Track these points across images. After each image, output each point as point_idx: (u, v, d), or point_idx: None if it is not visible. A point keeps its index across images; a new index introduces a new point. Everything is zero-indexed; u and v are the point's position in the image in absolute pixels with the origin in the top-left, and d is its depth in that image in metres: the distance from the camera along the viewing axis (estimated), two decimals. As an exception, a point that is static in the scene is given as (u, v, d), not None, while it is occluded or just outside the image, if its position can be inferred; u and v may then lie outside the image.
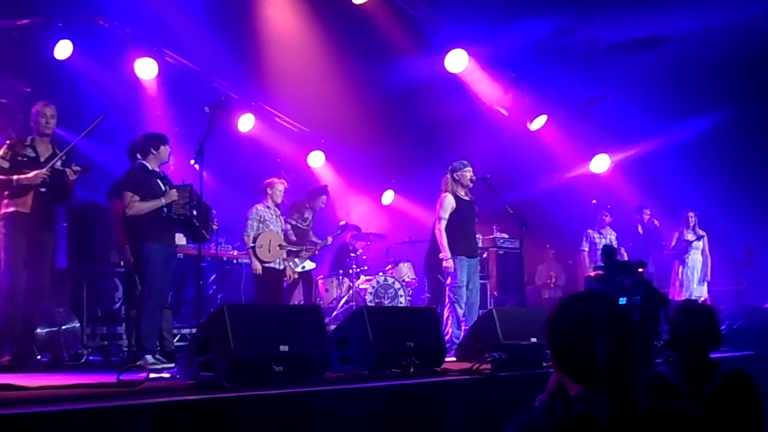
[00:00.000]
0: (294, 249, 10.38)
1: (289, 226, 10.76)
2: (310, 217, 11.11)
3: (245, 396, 4.56)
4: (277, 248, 9.62)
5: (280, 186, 9.92)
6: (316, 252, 11.17)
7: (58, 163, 7.07)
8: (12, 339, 6.83)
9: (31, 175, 6.89)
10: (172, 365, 6.55)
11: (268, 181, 10.00)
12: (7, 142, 7.21)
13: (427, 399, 5.57)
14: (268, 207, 9.82)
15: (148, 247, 7.24)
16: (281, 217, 10.03)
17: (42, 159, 7.07)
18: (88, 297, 8.35)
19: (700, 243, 12.15)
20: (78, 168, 7.12)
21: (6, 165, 6.93)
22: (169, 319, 8.18)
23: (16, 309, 6.87)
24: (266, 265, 9.54)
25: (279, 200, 9.95)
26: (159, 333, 7.64)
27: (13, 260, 6.90)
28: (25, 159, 6.99)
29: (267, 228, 9.64)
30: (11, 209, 6.98)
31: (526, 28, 11.38)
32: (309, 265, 11.04)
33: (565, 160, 14.29)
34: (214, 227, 8.47)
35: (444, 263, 9.00)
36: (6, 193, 6.99)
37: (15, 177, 6.88)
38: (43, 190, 7.01)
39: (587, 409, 2.17)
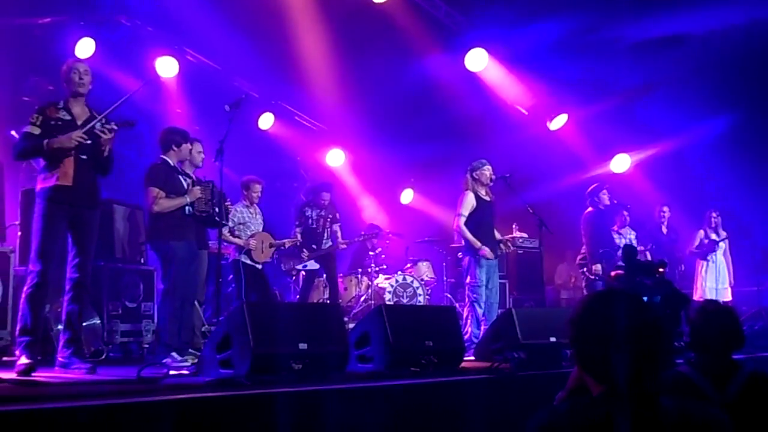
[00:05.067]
0: (284, 245, 10.12)
1: (299, 230, 10.76)
2: (314, 215, 10.96)
3: (264, 393, 4.58)
4: (269, 248, 9.54)
5: (257, 186, 9.60)
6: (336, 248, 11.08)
7: (98, 125, 6.13)
8: (35, 340, 5.85)
9: (63, 137, 5.95)
10: (194, 362, 6.57)
11: (245, 180, 9.68)
12: (36, 107, 6.24)
13: (446, 398, 5.57)
14: (246, 207, 9.55)
15: (172, 245, 7.26)
16: (261, 214, 9.74)
17: (79, 122, 6.15)
18: (108, 294, 8.38)
19: (723, 244, 12.05)
20: (115, 126, 6.20)
21: (37, 131, 5.97)
22: (200, 316, 8.23)
23: (41, 306, 5.98)
24: (249, 263, 9.34)
25: (256, 200, 9.61)
26: (191, 329, 7.69)
27: (49, 246, 5.91)
28: (59, 123, 6.06)
29: (248, 230, 9.40)
30: (50, 183, 5.97)
31: (546, 27, 11.33)
32: (311, 265, 10.99)
33: (585, 159, 14.22)
34: (230, 209, 8.44)
35: (480, 253, 8.98)
36: (42, 164, 6.07)
37: (45, 141, 5.93)
38: (84, 157, 6.07)
39: (609, 411, 2.14)
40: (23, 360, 5.59)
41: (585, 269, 10.64)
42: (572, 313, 2.35)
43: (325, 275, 11.11)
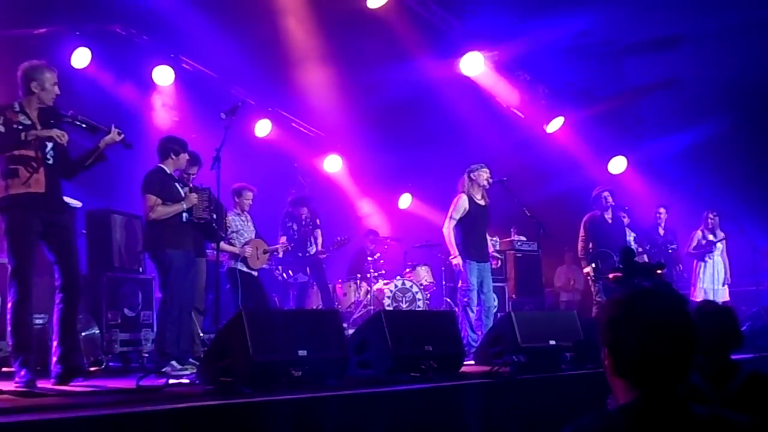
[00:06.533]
0: (278, 251, 10.14)
1: (283, 238, 10.78)
2: (295, 227, 10.97)
3: (264, 401, 4.57)
4: (264, 254, 9.51)
5: (249, 193, 9.50)
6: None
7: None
8: (30, 354, 5.66)
9: (43, 130, 5.78)
10: (194, 370, 6.56)
11: (238, 187, 9.53)
12: None
13: (446, 403, 5.56)
14: (238, 214, 9.43)
15: (169, 253, 7.25)
16: (252, 221, 9.65)
17: (39, 126, 5.87)
18: (107, 303, 8.37)
19: (721, 244, 12.05)
20: (122, 135, 6.14)
21: (2, 129, 5.71)
22: (200, 324, 8.21)
23: (28, 319, 5.76)
24: (245, 270, 9.27)
25: (247, 208, 9.51)
26: (190, 337, 7.68)
27: (27, 258, 5.70)
28: (20, 127, 5.76)
29: (241, 237, 9.32)
30: (20, 190, 5.71)
31: (541, 30, 11.34)
32: (300, 278, 11.08)
33: (582, 161, 14.23)
34: (229, 224, 8.48)
35: (453, 261, 9.03)
36: (4, 170, 5.74)
37: (23, 133, 5.69)
38: (51, 162, 5.85)
39: (643, 418, 2.10)
40: (23, 375, 5.52)
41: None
42: (606, 313, 2.24)
43: (315, 283, 11.18)
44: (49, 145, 5.90)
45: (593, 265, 10.32)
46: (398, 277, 12.00)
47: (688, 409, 2.13)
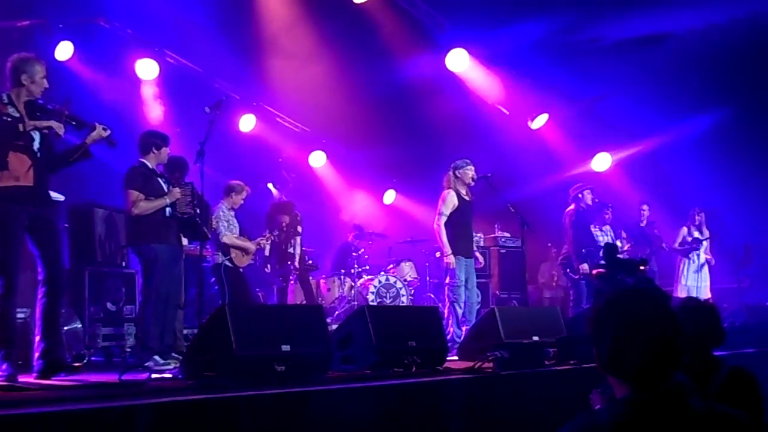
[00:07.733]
0: (261, 244, 9.96)
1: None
2: (276, 232, 10.89)
3: (247, 396, 4.55)
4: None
5: (244, 193, 9.31)
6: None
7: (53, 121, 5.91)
8: (11, 348, 5.63)
9: (40, 121, 5.77)
10: (176, 365, 6.54)
11: (235, 184, 9.32)
12: None
13: (429, 398, 5.57)
14: (230, 209, 9.24)
15: (154, 247, 7.21)
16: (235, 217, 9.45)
17: (26, 119, 5.80)
18: (89, 297, 8.33)
19: (705, 243, 12.11)
20: (108, 132, 6.15)
21: None
22: (181, 319, 8.17)
23: (11, 314, 5.73)
24: (230, 266, 9.11)
25: (237, 206, 9.32)
26: (173, 332, 7.64)
27: (12, 253, 5.67)
28: (9, 119, 5.69)
29: (232, 232, 9.15)
30: (8, 183, 5.67)
31: (527, 27, 11.37)
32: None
33: (566, 158, 14.28)
34: (214, 224, 8.44)
35: (445, 259, 9.01)
36: (0, 160, 5.69)
37: (20, 124, 5.66)
38: (39, 155, 5.81)
39: (641, 412, 2.11)
40: (4, 369, 5.48)
41: (568, 269, 10.69)
42: (592, 312, 2.29)
43: (298, 281, 11.15)
44: (37, 138, 5.85)
45: (586, 263, 10.35)
46: (382, 273, 12.02)
47: (686, 403, 2.14)
